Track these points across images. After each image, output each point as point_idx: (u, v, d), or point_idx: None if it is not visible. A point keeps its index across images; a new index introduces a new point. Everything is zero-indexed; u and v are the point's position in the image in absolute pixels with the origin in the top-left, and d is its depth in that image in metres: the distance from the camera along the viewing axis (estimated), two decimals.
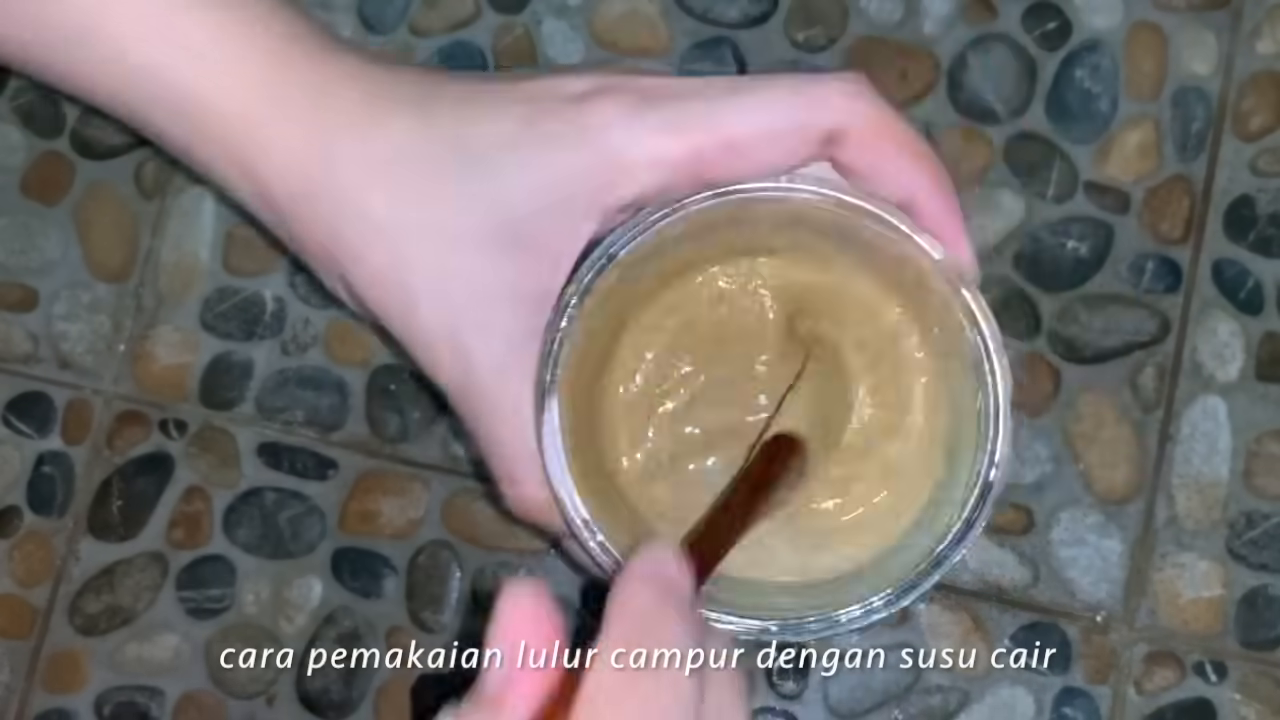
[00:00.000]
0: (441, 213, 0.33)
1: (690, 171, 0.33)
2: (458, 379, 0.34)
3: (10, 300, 0.50)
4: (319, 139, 0.33)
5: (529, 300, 0.33)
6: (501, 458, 0.35)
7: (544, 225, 0.32)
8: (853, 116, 0.33)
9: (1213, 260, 0.48)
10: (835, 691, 0.47)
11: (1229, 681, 0.47)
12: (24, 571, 0.49)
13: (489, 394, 0.34)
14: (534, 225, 0.32)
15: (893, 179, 0.33)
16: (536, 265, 0.33)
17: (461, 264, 0.33)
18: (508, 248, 0.33)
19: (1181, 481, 0.47)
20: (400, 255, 0.33)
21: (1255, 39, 0.49)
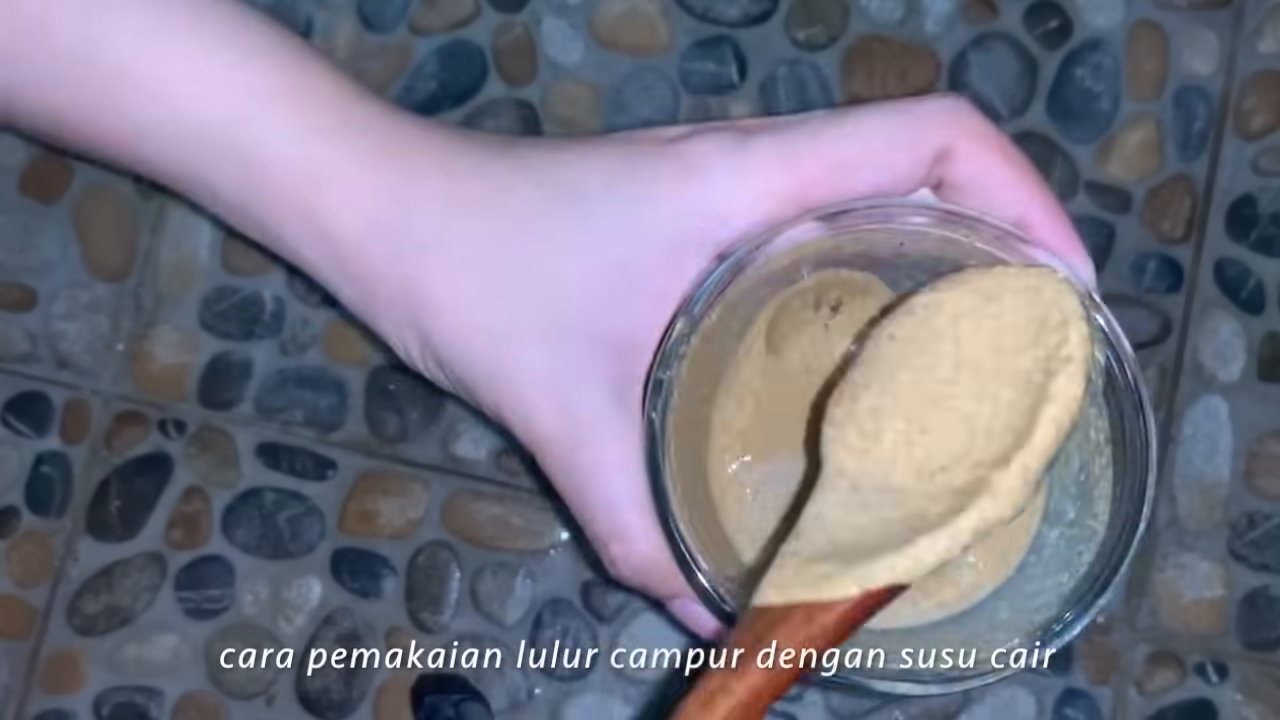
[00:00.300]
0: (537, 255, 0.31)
1: (798, 203, 0.31)
2: (559, 432, 0.32)
3: (9, 300, 0.50)
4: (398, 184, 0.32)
5: (634, 346, 0.31)
6: (610, 514, 0.32)
7: (648, 266, 0.31)
8: (958, 131, 0.32)
9: (1214, 260, 0.48)
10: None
11: (1230, 682, 0.46)
12: (22, 572, 0.49)
13: (595, 444, 0.32)
14: (638, 266, 0.31)
15: (1002, 193, 0.32)
16: (641, 308, 0.31)
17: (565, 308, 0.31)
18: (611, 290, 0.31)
19: (1183, 482, 0.47)
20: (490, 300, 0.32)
21: (1257, 38, 0.49)
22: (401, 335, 0.33)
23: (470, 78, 0.50)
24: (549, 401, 0.32)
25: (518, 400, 0.32)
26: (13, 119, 0.34)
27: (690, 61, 0.49)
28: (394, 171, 0.32)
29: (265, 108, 0.32)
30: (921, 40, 0.49)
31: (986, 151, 0.32)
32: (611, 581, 0.36)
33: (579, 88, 0.50)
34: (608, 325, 0.31)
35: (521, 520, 0.48)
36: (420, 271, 0.32)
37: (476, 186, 0.32)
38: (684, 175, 0.31)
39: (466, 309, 0.32)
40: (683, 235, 0.31)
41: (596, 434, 0.31)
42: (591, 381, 0.31)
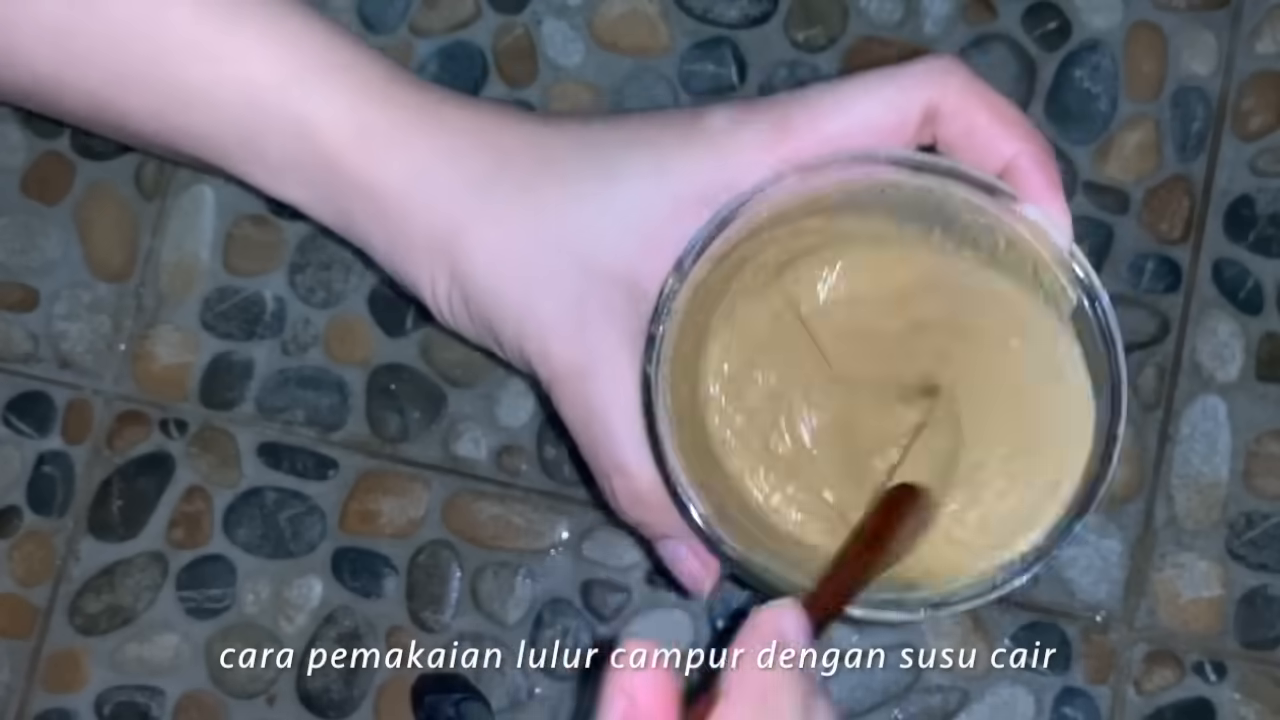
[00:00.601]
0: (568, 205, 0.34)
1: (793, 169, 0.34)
2: (573, 365, 0.34)
3: (10, 300, 0.50)
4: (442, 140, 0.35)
5: (647, 295, 0.34)
6: (613, 449, 0.34)
7: (657, 221, 0.33)
8: (944, 90, 0.33)
9: (1212, 260, 0.48)
10: (835, 691, 0.47)
11: (1228, 681, 0.47)
12: (24, 571, 0.49)
13: (605, 380, 0.34)
14: (650, 222, 0.34)
15: (988, 145, 0.34)
16: (655, 261, 0.33)
17: (585, 251, 0.34)
18: (631, 243, 0.34)
19: (1181, 481, 0.47)
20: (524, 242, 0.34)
21: (1255, 39, 0.49)
22: (432, 275, 0.35)
23: (471, 79, 0.50)
24: (568, 335, 0.34)
25: (539, 333, 0.34)
26: (59, 97, 0.36)
27: (690, 63, 0.50)
28: (438, 129, 0.35)
29: (318, 76, 0.34)
30: (921, 41, 0.49)
31: (971, 108, 0.34)
32: (615, 518, 0.37)
33: (579, 89, 0.50)
34: (625, 273, 0.34)
35: (522, 520, 0.48)
36: (460, 215, 0.34)
37: (515, 143, 0.35)
38: (691, 140, 0.34)
39: (500, 249, 0.34)
40: (688, 194, 0.33)
41: (607, 371, 0.34)
42: (608, 321, 0.34)
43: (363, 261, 0.45)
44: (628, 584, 0.48)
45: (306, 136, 0.35)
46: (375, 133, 0.34)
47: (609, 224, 0.34)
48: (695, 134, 0.34)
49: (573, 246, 0.34)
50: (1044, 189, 0.34)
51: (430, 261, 0.35)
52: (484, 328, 0.35)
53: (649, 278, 0.34)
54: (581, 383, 0.34)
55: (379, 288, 0.49)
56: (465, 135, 0.35)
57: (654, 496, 0.34)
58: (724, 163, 0.33)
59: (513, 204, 0.34)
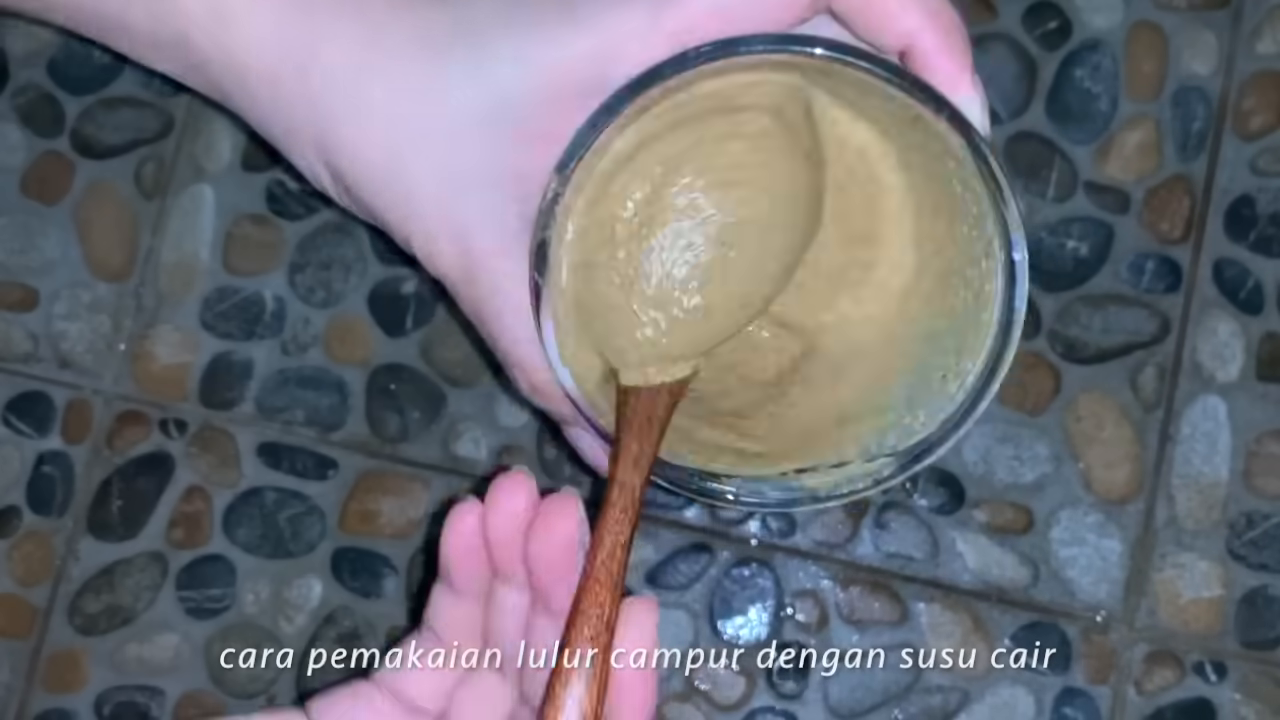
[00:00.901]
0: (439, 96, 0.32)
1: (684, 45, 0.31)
2: (459, 266, 0.33)
3: (10, 300, 0.50)
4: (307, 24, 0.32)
5: (529, 184, 0.32)
6: (509, 344, 0.34)
7: (540, 108, 0.31)
8: None
9: (1213, 260, 0.48)
10: (835, 691, 0.47)
11: (1229, 681, 0.47)
12: (24, 571, 0.49)
13: (491, 279, 0.33)
14: (531, 108, 0.31)
15: (885, 17, 0.31)
16: (535, 149, 0.31)
17: (461, 147, 0.32)
18: (507, 131, 0.31)
19: (1181, 481, 0.47)
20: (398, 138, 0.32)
21: (1255, 39, 0.49)
22: (314, 168, 0.34)
23: None
24: (446, 234, 0.32)
25: (423, 236, 0.33)
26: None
27: None
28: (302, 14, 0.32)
29: None
30: None
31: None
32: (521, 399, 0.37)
33: None
34: (503, 171, 0.32)
35: None
36: (330, 110, 0.32)
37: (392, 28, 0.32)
38: (570, 18, 0.31)
39: (372, 150, 0.32)
40: (566, 77, 0.31)
41: (493, 273, 0.32)
42: (489, 222, 0.32)
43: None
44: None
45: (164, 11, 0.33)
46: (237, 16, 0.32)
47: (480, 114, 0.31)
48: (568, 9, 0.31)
49: (444, 139, 0.32)
50: (949, 73, 0.31)
51: (311, 154, 0.34)
52: (370, 216, 0.34)
53: (528, 173, 0.31)
54: (470, 288, 0.33)
55: (379, 287, 0.49)
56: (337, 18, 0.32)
57: (551, 389, 0.34)
58: (601, 42, 0.30)
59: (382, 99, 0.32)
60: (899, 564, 0.47)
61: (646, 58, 0.30)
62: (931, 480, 0.48)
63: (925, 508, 0.48)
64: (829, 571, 0.48)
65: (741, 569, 0.48)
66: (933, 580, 0.47)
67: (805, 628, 0.47)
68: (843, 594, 0.48)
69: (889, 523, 0.48)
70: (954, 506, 0.48)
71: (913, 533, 0.47)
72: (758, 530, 0.48)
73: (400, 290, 0.49)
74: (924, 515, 0.48)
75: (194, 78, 0.35)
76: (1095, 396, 0.48)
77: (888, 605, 0.47)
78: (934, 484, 0.48)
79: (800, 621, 0.47)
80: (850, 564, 0.48)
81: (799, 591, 0.48)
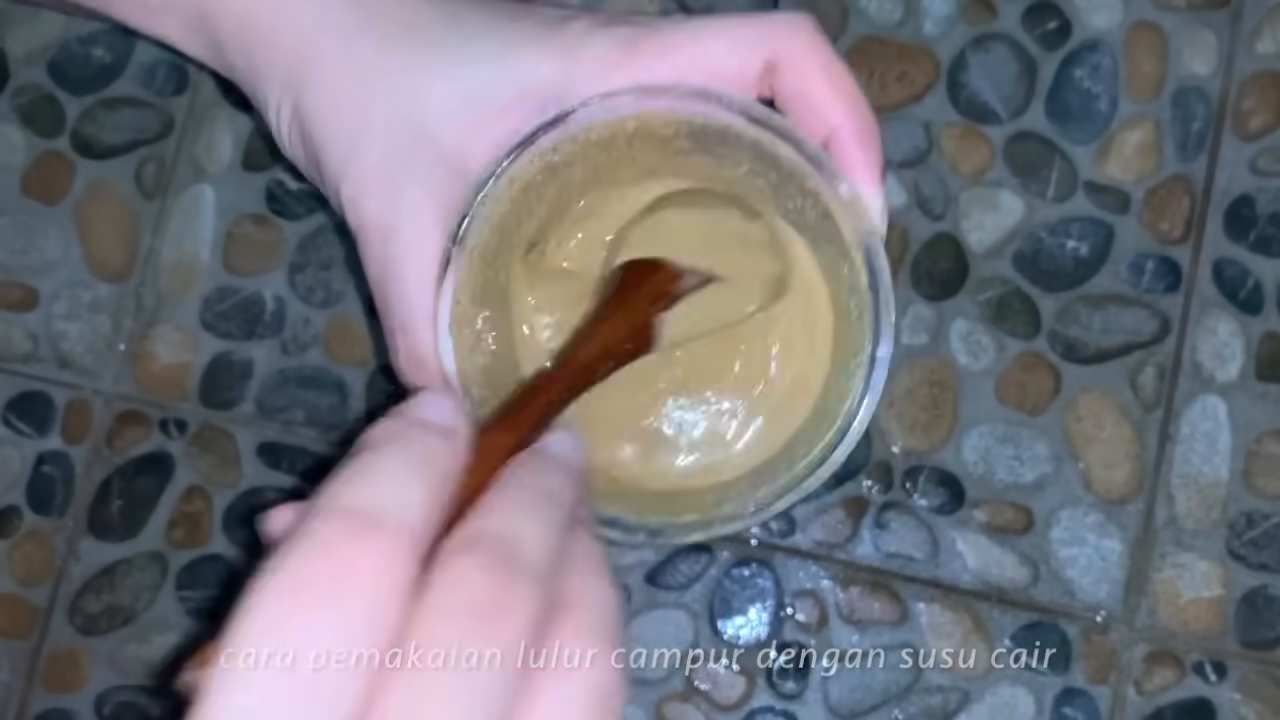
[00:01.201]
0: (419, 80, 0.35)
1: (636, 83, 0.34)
2: (380, 220, 0.35)
3: (10, 300, 0.50)
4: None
5: (467, 175, 0.34)
6: (402, 307, 0.35)
7: (492, 111, 0.34)
8: (787, 46, 0.34)
9: (1213, 260, 0.48)
10: (835, 691, 0.47)
11: (1229, 681, 0.47)
12: (24, 571, 0.49)
13: (406, 243, 0.35)
14: (486, 109, 0.34)
15: (817, 110, 0.34)
16: (484, 144, 0.34)
17: (424, 124, 0.34)
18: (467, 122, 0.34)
19: (1181, 481, 0.47)
20: (371, 102, 0.35)
21: (1255, 39, 0.49)
22: (279, 102, 0.36)
23: None
24: (383, 191, 0.35)
25: (358, 180, 0.35)
26: None
27: None
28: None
29: None
30: (920, 41, 0.49)
31: (808, 69, 0.34)
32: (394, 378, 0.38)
33: None
34: (453, 148, 0.34)
35: None
36: (316, 53, 0.35)
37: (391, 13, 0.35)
38: (546, 40, 0.34)
39: (343, 94, 0.35)
40: (531, 89, 0.34)
41: (413, 235, 0.35)
42: (425, 189, 0.34)
43: None
44: (627, 583, 0.48)
45: None
46: None
47: (450, 100, 0.34)
48: (552, 35, 0.34)
49: (410, 111, 0.35)
50: (859, 166, 0.34)
51: (280, 90, 0.36)
52: (312, 163, 0.36)
53: (475, 158, 0.34)
54: (385, 240, 0.35)
55: None
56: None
57: (433, 363, 0.35)
58: (570, 67, 0.34)
59: (365, 56, 0.35)
60: (899, 564, 0.47)
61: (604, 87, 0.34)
62: (931, 480, 0.48)
63: (925, 508, 0.48)
64: (829, 571, 0.48)
65: (741, 569, 0.48)
66: (933, 580, 0.47)
67: (805, 628, 0.47)
68: (843, 594, 0.48)
69: (889, 523, 0.48)
70: (954, 506, 0.48)
71: (913, 533, 0.48)
72: (757, 530, 0.48)
73: None
74: (924, 515, 0.48)
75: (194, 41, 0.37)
76: (1095, 396, 0.48)
77: (888, 605, 0.47)
78: (934, 484, 0.48)
79: (800, 621, 0.48)
80: (850, 564, 0.48)
81: (799, 591, 0.48)
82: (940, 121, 0.49)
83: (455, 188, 0.34)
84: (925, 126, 0.49)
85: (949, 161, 0.48)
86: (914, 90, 0.49)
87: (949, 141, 0.49)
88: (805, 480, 0.34)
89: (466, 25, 0.35)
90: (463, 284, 0.34)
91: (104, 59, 0.51)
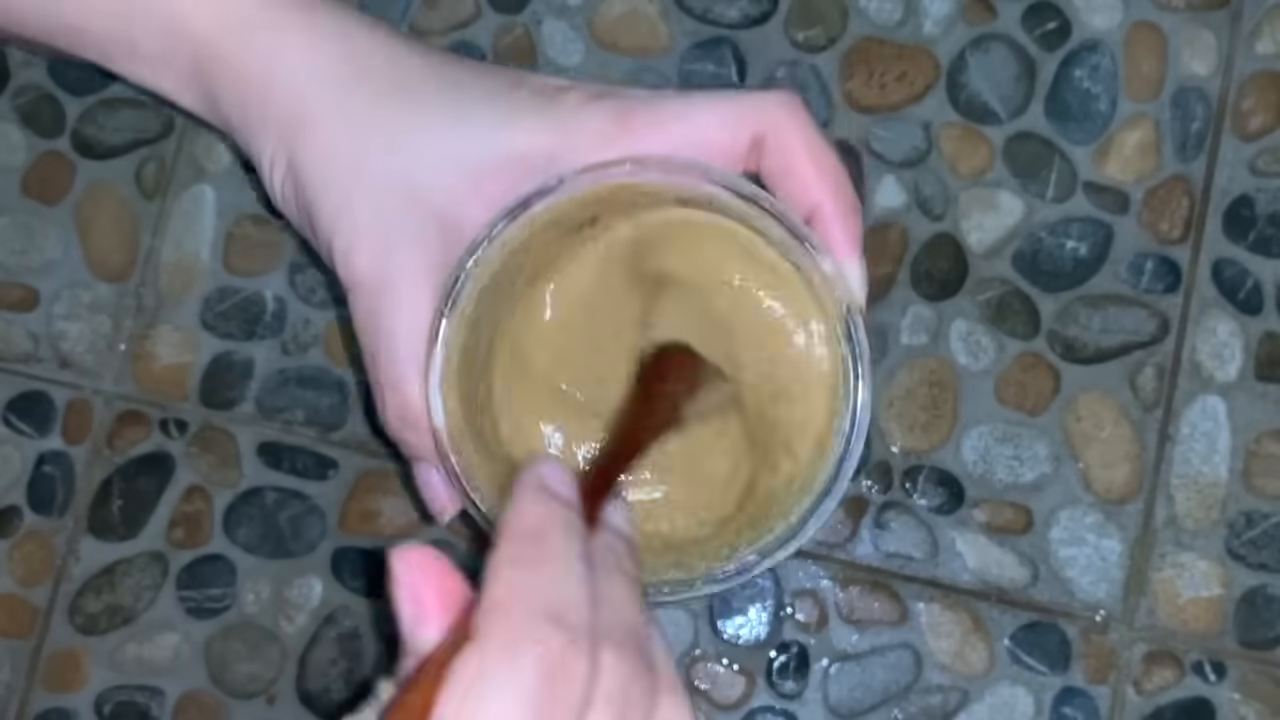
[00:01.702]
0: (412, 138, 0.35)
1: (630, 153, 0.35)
2: (371, 276, 0.35)
3: (11, 300, 0.50)
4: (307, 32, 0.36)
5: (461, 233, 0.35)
6: (391, 363, 0.36)
7: (495, 174, 0.35)
8: (774, 124, 0.35)
9: (1212, 260, 0.48)
10: (835, 691, 0.47)
11: (1228, 681, 0.47)
12: (24, 571, 0.49)
13: (396, 300, 0.35)
14: (488, 172, 0.35)
15: (799, 187, 0.35)
16: (477, 207, 0.35)
17: (417, 183, 0.35)
18: (460, 185, 0.35)
19: (1181, 481, 0.47)
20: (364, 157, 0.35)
21: (1255, 39, 0.49)
22: (273, 156, 0.37)
23: None
24: (376, 248, 0.35)
25: (350, 236, 0.35)
26: None
27: (690, 63, 0.50)
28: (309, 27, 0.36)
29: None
30: (920, 41, 0.49)
31: (793, 148, 0.35)
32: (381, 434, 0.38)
33: None
34: (446, 209, 0.35)
35: None
36: (312, 109, 0.36)
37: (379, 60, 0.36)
38: (544, 110, 0.35)
39: (338, 150, 0.36)
40: (526, 155, 0.35)
41: (404, 292, 0.35)
42: (417, 247, 0.35)
43: None
44: None
45: (178, 27, 0.36)
46: (246, 19, 0.36)
47: (445, 161, 0.35)
48: (549, 105, 0.35)
49: (405, 170, 0.35)
50: (840, 243, 0.35)
51: (275, 144, 0.36)
52: (305, 217, 0.37)
53: (468, 220, 0.35)
54: (377, 296, 0.36)
55: None
56: (333, 40, 0.36)
57: (418, 415, 0.36)
58: (565, 138, 0.35)
59: (359, 112, 0.36)
60: (899, 564, 0.48)
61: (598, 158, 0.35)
62: (931, 480, 0.48)
63: (925, 508, 0.48)
64: (829, 571, 0.48)
65: None
66: (932, 580, 0.47)
67: (805, 628, 0.48)
68: (842, 594, 0.48)
69: (889, 523, 0.48)
70: (953, 506, 0.48)
71: (912, 532, 0.48)
72: None
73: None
74: (924, 515, 0.48)
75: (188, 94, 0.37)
76: (1094, 396, 0.48)
77: (887, 605, 0.47)
78: (933, 484, 0.48)
79: (800, 621, 0.48)
80: (850, 564, 0.48)
81: (799, 591, 0.48)
82: (940, 122, 0.49)
83: (446, 246, 0.35)
84: (925, 127, 0.49)
85: (949, 162, 0.49)
86: (914, 90, 0.49)
87: (948, 142, 0.49)
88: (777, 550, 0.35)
89: (463, 90, 0.36)
90: (453, 343, 0.35)
91: None
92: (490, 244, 0.34)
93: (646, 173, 0.35)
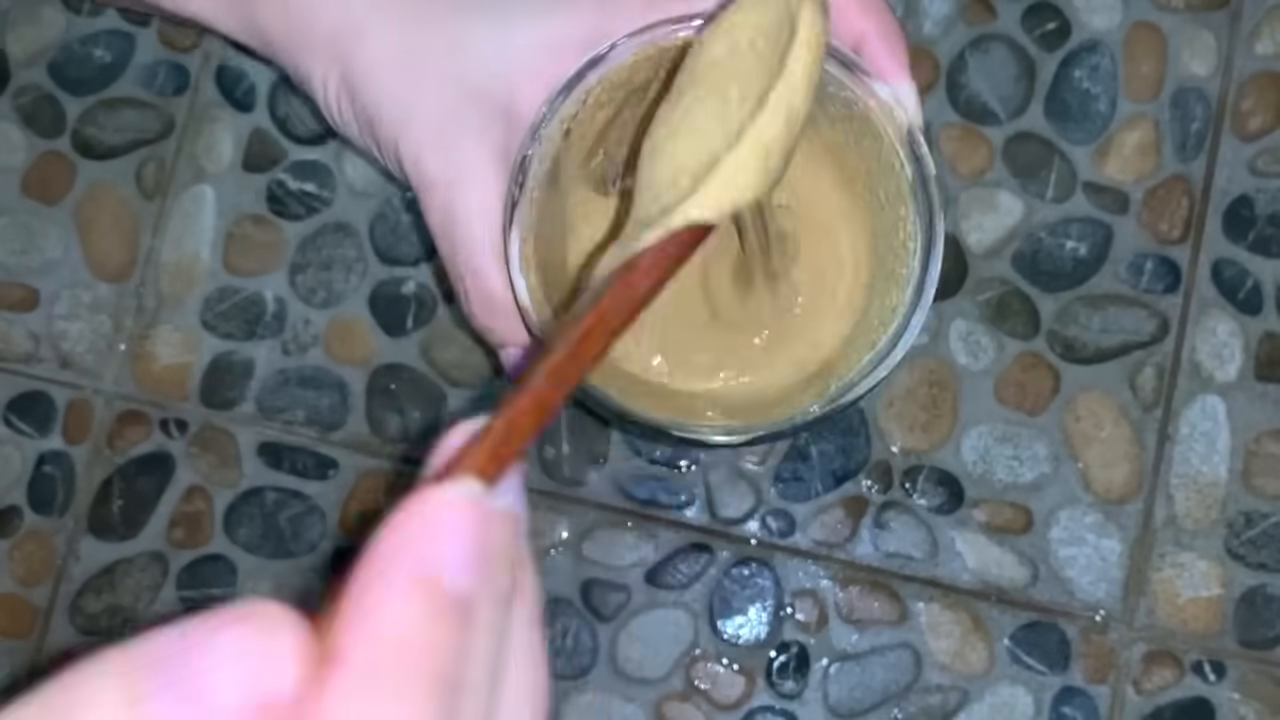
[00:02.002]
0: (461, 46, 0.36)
1: None
2: (442, 174, 0.36)
3: (11, 300, 0.50)
4: None
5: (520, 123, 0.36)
6: (470, 254, 0.37)
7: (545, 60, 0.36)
8: None
9: (1212, 260, 0.48)
10: (835, 691, 0.47)
11: (1227, 681, 0.47)
12: (25, 571, 0.49)
13: (469, 191, 0.36)
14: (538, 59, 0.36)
15: (843, 17, 0.36)
16: (532, 91, 0.36)
17: (471, 82, 0.36)
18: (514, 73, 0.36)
19: (1180, 481, 0.47)
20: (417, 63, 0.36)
21: (1254, 39, 0.49)
22: (325, 73, 0.37)
23: None
24: (441, 146, 0.36)
25: (415, 140, 0.36)
26: None
27: None
28: None
29: None
30: (920, 41, 0.49)
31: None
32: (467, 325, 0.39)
33: None
34: (503, 98, 0.36)
35: None
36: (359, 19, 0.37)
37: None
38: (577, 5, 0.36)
39: (391, 57, 0.36)
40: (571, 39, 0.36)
41: (474, 182, 0.36)
42: (480, 138, 0.36)
43: None
44: (627, 583, 0.48)
45: None
46: None
47: (498, 53, 0.36)
48: None
49: (458, 67, 0.36)
50: (889, 68, 0.36)
51: (325, 60, 0.37)
52: (366, 129, 0.37)
53: (527, 105, 0.36)
54: (448, 191, 0.36)
55: (379, 288, 0.49)
56: None
57: (502, 301, 0.36)
58: (605, 15, 0.36)
59: (410, 19, 0.37)
60: (898, 564, 0.48)
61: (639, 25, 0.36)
62: (931, 480, 0.48)
63: (924, 507, 0.48)
64: (828, 571, 0.48)
65: (741, 569, 0.48)
66: (932, 580, 0.47)
67: (805, 627, 0.48)
68: (842, 594, 0.48)
69: (888, 522, 0.48)
70: (953, 506, 0.48)
71: (912, 532, 0.48)
72: (757, 530, 0.48)
73: (400, 290, 0.49)
74: (923, 515, 0.48)
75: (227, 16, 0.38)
76: (1094, 396, 0.48)
77: (887, 605, 0.47)
78: (933, 484, 0.48)
79: (800, 621, 0.48)
80: (850, 564, 0.48)
81: (798, 591, 0.48)
82: (939, 122, 0.49)
83: (510, 133, 0.36)
84: (924, 127, 0.49)
85: (948, 162, 0.49)
86: None
87: (948, 142, 0.49)
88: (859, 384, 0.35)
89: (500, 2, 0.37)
90: (528, 222, 0.35)
91: (104, 59, 0.51)
92: (550, 121, 0.35)
93: (688, 27, 0.35)
